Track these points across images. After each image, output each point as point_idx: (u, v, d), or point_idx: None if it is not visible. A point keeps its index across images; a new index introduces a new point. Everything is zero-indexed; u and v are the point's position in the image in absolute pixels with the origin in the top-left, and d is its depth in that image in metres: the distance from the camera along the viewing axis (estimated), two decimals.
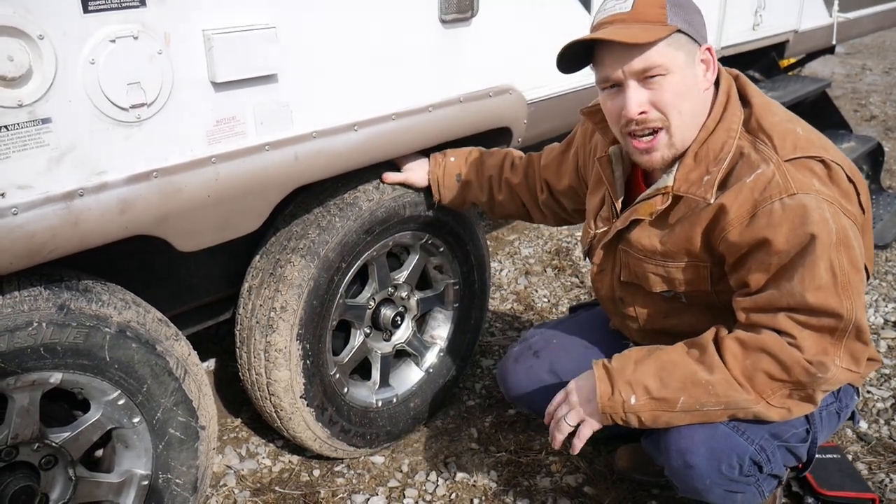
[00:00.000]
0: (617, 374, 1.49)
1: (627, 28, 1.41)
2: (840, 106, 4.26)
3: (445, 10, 1.89)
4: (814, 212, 1.36)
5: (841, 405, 1.66)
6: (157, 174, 1.46)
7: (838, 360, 1.39)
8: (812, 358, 1.38)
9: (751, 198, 1.42)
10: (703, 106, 1.49)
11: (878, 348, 2.75)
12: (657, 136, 1.47)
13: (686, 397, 1.44)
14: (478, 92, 2.05)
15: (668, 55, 1.41)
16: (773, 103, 1.54)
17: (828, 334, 1.39)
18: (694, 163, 1.49)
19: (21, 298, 1.42)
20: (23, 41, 1.24)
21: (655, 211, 1.55)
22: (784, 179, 1.39)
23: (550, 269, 3.46)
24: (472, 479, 2.16)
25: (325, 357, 2.02)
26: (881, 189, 3.81)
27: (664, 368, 1.46)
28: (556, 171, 1.95)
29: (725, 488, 1.54)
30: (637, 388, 1.46)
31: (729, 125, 1.48)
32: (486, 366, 2.69)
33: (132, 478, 1.69)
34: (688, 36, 1.43)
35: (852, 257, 1.39)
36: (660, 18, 1.40)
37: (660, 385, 1.45)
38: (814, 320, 1.39)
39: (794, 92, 3.56)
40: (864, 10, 4.18)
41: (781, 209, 1.38)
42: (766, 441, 1.52)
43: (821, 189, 1.39)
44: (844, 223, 1.39)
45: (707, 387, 1.43)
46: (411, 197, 2.04)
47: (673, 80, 1.42)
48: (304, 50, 1.64)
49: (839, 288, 1.37)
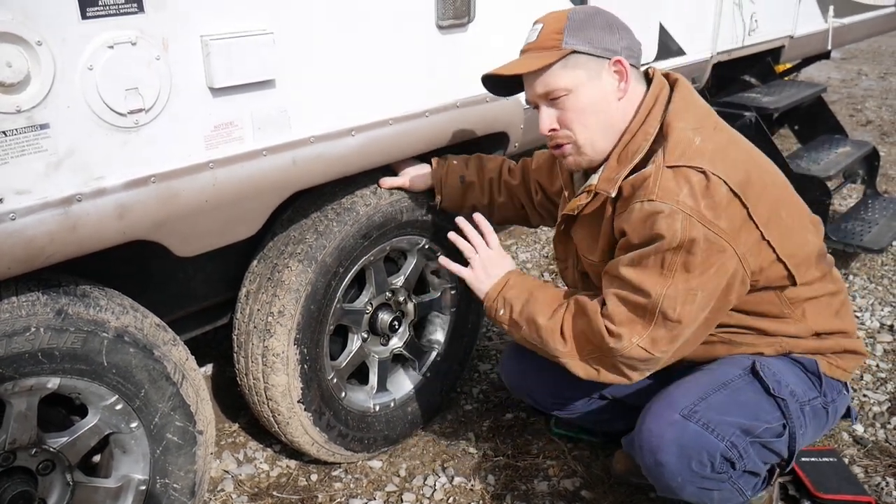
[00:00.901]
0: (507, 287, 1.72)
1: (525, 58, 1.60)
2: (836, 111, 4.27)
3: (442, 15, 1.90)
4: (663, 219, 1.46)
5: (826, 400, 1.68)
6: (154, 179, 1.47)
7: (636, 337, 1.51)
8: (613, 328, 1.53)
9: (630, 192, 1.55)
10: (619, 114, 1.60)
11: (874, 351, 2.76)
12: (566, 146, 1.63)
13: (526, 329, 1.67)
14: (475, 97, 2.06)
15: (565, 76, 1.55)
16: (691, 108, 1.60)
17: (640, 314, 1.51)
18: (616, 164, 1.60)
19: (19, 303, 1.42)
20: (21, 47, 1.24)
21: (578, 206, 1.67)
22: (654, 184, 1.50)
23: (547, 274, 3.47)
24: (469, 484, 2.16)
25: (322, 362, 2.02)
26: (877, 194, 3.82)
27: (528, 301, 1.67)
28: (548, 174, 2.00)
29: (698, 485, 1.57)
30: (507, 306, 1.70)
31: (646, 130, 1.58)
32: (483, 370, 2.70)
33: (130, 483, 1.69)
34: (588, 54, 1.54)
35: (687, 262, 1.47)
36: (555, 44, 1.55)
37: (518, 311, 1.68)
38: (630, 296, 1.51)
39: (790, 97, 3.57)
40: (860, 15, 4.19)
41: (640, 210, 1.50)
42: (738, 437, 1.57)
43: (684, 200, 1.47)
44: (696, 234, 1.46)
45: (538, 328, 1.64)
46: (409, 202, 2.05)
47: (576, 98, 1.56)
48: (301, 55, 1.64)
49: (660, 276, 1.48)
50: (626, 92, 1.59)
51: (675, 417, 1.57)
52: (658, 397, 1.65)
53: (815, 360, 1.69)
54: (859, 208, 3.64)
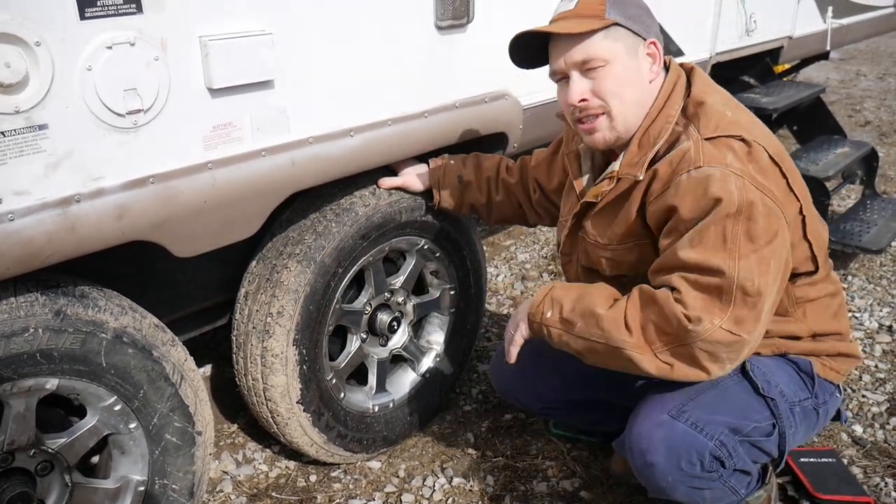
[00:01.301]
0: (553, 289, 1.62)
1: (569, 22, 1.53)
2: (834, 111, 4.27)
3: (441, 16, 1.89)
4: (716, 182, 1.42)
5: (818, 401, 1.68)
6: (153, 180, 1.47)
7: (717, 319, 1.42)
8: (690, 313, 1.42)
9: (668, 170, 1.50)
10: (648, 96, 1.58)
11: (873, 352, 2.76)
12: (598, 119, 1.57)
13: (582, 324, 1.54)
14: (473, 97, 2.06)
15: (606, 46, 1.51)
16: (714, 91, 1.61)
17: (716, 296, 1.42)
18: (637, 149, 1.58)
19: (17, 304, 1.42)
20: (20, 47, 1.24)
21: (601, 193, 1.64)
22: (696, 154, 1.47)
23: (547, 275, 3.46)
24: (468, 484, 2.16)
25: (321, 362, 2.02)
26: (875, 194, 3.82)
27: (581, 297, 1.57)
28: (547, 172, 2.00)
29: (689, 485, 1.57)
30: (555, 305, 1.59)
31: (668, 113, 1.56)
32: (482, 371, 2.70)
33: (128, 484, 1.68)
34: (628, 30, 1.53)
35: (749, 230, 1.42)
36: (598, 13, 1.51)
37: (570, 308, 1.57)
38: (702, 279, 1.43)
39: (789, 97, 3.57)
40: (858, 16, 4.20)
41: (688, 180, 1.46)
42: (726, 436, 1.56)
43: (732, 163, 1.45)
44: (752, 196, 1.42)
45: (597, 319, 1.52)
46: (408, 202, 2.05)
47: (613, 70, 1.52)
48: (300, 56, 1.64)
49: (726, 252, 1.41)
50: (656, 75, 1.58)
51: (664, 418, 1.57)
52: (647, 398, 1.64)
53: (810, 361, 1.69)
54: (858, 209, 3.64)
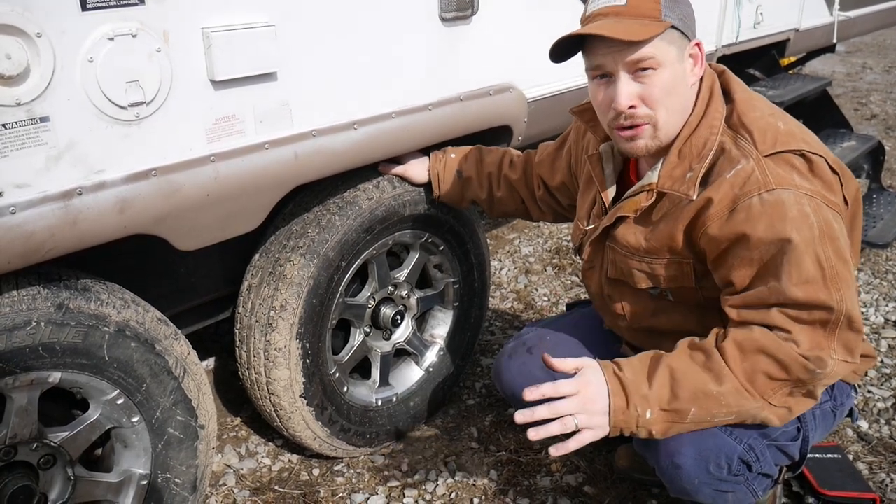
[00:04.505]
0: (632, 387, 1.41)
1: (620, 22, 1.40)
2: (840, 105, 4.25)
3: (446, 8, 1.88)
4: (792, 207, 1.36)
5: (836, 403, 1.66)
6: (155, 173, 1.46)
7: (833, 353, 1.38)
8: (808, 353, 1.37)
9: (731, 193, 1.41)
10: (688, 101, 1.49)
11: (879, 347, 2.74)
12: (643, 127, 1.47)
13: (697, 409, 1.40)
14: (478, 90, 2.05)
15: (661, 50, 1.41)
16: (755, 98, 1.54)
17: (820, 327, 1.38)
18: (678, 159, 1.49)
19: (19, 298, 1.42)
20: (21, 39, 1.23)
21: (640, 208, 1.55)
22: (763, 175, 1.40)
23: (550, 268, 3.45)
24: (471, 479, 2.15)
25: (324, 356, 2.01)
26: (882, 188, 3.80)
27: (675, 379, 1.41)
28: (550, 168, 1.97)
29: (714, 488, 1.55)
30: (653, 403, 1.40)
31: (711, 121, 1.48)
32: (486, 365, 2.69)
33: (131, 477, 1.68)
34: (680, 32, 1.43)
35: (838, 249, 1.39)
36: (654, 14, 1.40)
37: (671, 397, 1.40)
38: (805, 314, 1.37)
39: (795, 90, 3.55)
40: (865, 8, 4.17)
41: (760, 204, 1.38)
42: (755, 440, 1.53)
43: (801, 183, 1.39)
44: (827, 215, 1.39)
45: (718, 398, 1.40)
46: (411, 195, 2.04)
47: (663, 76, 1.42)
48: (303, 48, 1.63)
49: (828, 280, 1.37)
50: (697, 77, 1.49)
51: None
52: None
53: None
54: (864, 203, 3.62)
